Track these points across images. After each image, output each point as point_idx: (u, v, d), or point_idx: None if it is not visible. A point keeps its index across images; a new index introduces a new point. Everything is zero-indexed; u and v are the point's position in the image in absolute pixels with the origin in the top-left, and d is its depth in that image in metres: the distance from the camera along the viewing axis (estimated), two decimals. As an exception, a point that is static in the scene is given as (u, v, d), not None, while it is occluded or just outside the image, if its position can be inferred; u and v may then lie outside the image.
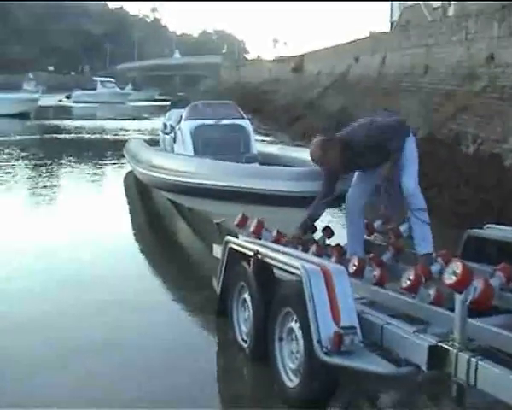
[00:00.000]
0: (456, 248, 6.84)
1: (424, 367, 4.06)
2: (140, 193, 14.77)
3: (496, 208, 11.61)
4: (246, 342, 5.85)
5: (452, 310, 4.76)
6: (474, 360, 3.82)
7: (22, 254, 9.25)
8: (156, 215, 13.48)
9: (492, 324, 4.54)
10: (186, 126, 12.52)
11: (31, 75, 74.30)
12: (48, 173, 17.95)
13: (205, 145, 12.04)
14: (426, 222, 6.31)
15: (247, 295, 5.80)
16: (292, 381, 4.91)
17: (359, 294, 5.27)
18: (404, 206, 6.63)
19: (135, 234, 11.57)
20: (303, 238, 6.73)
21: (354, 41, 33.97)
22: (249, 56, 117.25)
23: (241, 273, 5.89)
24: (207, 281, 7.78)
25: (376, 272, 5.55)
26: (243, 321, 5.93)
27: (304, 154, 12.05)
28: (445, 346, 4.03)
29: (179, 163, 10.84)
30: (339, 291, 4.48)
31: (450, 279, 3.94)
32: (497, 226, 6.89)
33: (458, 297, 3.98)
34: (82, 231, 10.97)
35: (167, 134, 13.87)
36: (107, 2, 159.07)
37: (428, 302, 4.85)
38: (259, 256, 5.42)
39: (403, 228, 6.96)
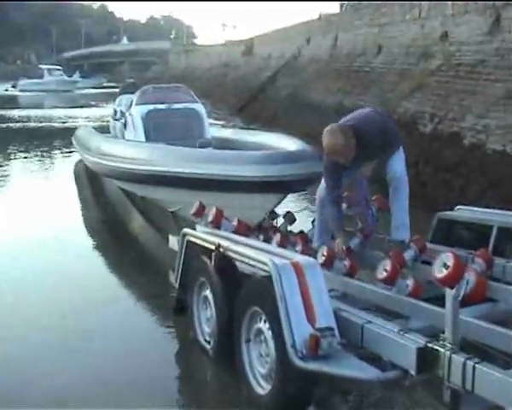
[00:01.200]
0: (424, 231, 6.53)
1: (413, 371, 3.64)
2: (91, 182, 14.17)
3: (457, 188, 11.39)
4: (209, 342, 5.36)
5: (427, 301, 4.43)
6: (470, 362, 3.41)
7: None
8: (108, 205, 12.90)
9: (475, 315, 4.19)
10: (137, 112, 12.07)
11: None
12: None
13: (157, 131, 11.63)
14: (406, 208, 5.89)
15: (208, 293, 5.30)
16: (262, 387, 4.45)
17: (330, 286, 4.83)
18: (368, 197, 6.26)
19: (85, 226, 11.07)
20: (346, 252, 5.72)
21: (305, 22, 33.57)
22: (197, 41, 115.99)
23: (201, 268, 5.39)
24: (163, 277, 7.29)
25: (346, 262, 5.16)
26: (205, 320, 5.44)
27: (259, 137, 11.72)
28: (436, 347, 3.61)
29: (129, 150, 10.36)
30: (312, 288, 4.02)
31: (440, 273, 3.52)
32: (468, 208, 6.58)
33: (450, 293, 3.55)
34: (26, 225, 10.40)
35: (117, 120, 13.39)
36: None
37: (406, 294, 4.47)
38: (221, 250, 4.94)
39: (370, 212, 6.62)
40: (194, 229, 6.15)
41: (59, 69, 72.26)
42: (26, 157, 19.05)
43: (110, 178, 12.01)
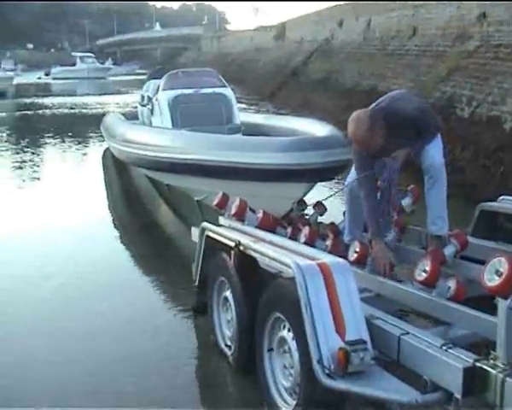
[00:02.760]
0: (461, 222, 6.03)
1: (458, 395, 3.11)
2: (118, 169, 13.79)
3: (498, 175, 10.83)
4: (230, 348, 4.91)
5: (469, 301, 3.96)
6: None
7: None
8: (134, 194, 12.55)
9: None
10: (163, 97, 11.72)
11: (8, 53, 73.31)
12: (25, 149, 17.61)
13: (184, 116, 11.25)
14: (444, 200, 5.37)
15: (228, 293, 4.86)
16: (286, 403, 3.98)
17: (362, 285, 4.35)
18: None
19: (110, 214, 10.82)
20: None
21: (337, 6, 32.90)
22: (230, 27, 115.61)
23: (220, 266, 4.93)
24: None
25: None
26: (226, 323, 4.99)
27: (289, 122, 11.26)
28: (486, 367, 3.10)
29: (154, 136, 10.01)
30: (342, 293, 3.52)
31: (492, 281, 3.03)
32: (513, 198, 6.04)
33: (503, 304, 3.05)
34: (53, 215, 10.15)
35: (145, 106, 13.02)
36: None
37: (447, 298, 3.99)
38: (241, 248, 4.47)
39: (405, 202, 6.14)
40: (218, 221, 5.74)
41: (91, 56, 72.61)
42: (55, 142, 19.05)
43: (134, 166, 11.66)
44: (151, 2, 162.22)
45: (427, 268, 3.98)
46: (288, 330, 3.90)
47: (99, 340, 5.54)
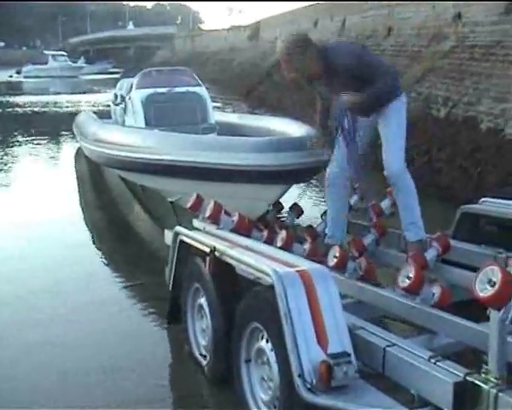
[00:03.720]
0: (442, 224, 5.91)
1: None
2: (91, 169, 13.52)
3: (475, 176, 10.75)
4: (205, 357, 4.70)
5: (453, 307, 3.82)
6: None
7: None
8: (107, 196, 12.30)
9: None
10: (136, 96, 11.52)
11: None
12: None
13: (157, 115, 11.09)
14: (413, 206, 5.18)
15: (203, 301, 4.64)
16: (265, 417, 3.78)
17: (342, 292, 4.17)
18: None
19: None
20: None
21: (312, 5, 32.82)
22: (204, 26, 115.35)
23: (195, 273, 4.71)
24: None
25: (362, 264, 4.53)
26: (200, 332, 4.77)
27: (265, 122, 11.08)
28: (478, 382, 2.93)
29: (126, 136, 9.74)
30: (324, 303, 3.32)
31: (485, 291, 2.86)
32: (495, 200, 5.91)
33: (495, 315, 2.89)
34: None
35: (118, 105, 12.80)
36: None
37: (431, 305, 3.84)
38: (217, 254, 4.26)
39: (384, 205, 6.01)
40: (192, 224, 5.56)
41: (63, 55, 71.99)
42: (27, 141, 18.76)
43: (106, 166, 11.42)
44: (124, 2, 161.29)
45: (411, 274, 3.83)
46: (267, 341, 3.69)
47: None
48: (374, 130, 5.35)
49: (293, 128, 9.09)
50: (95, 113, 14.94)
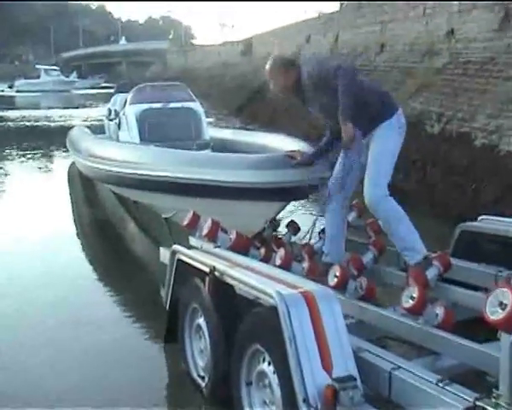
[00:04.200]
0: (438, 242, 5.88)
1: None
2: (85, 185, 13.45)
3: (469, 192, 10.73)
4: (203, 378, 4.61)
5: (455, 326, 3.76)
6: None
7: None
8: (101, 213, 12.22)
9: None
10: (131, 111, 11.51)
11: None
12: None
13: (152, 131, 11.08)
14: (401, 233, 5.05)
15: (201, 321, 4.55)
16: (267, 444, 3.67)
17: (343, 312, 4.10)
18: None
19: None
20: None
21: (305, 21, 32.84)
22: (196, 42, 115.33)
23: (193, 293, 4.62)
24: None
25: (363, 283, 4.47)
26: (198, 353, 4.67)
27: (259, 138, 11.02)
28: (488, 407, 2.84)
29: (120, 151, 9.70)
30: (328, 325, 3.25)
31: (495, 314, 2.80)
32: (494, 218, 5.89)
33: (506, 339, 2.83)
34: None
35: (112, 120, 12.73)
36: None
37: (435, 325, 3.78)
38: (217, 274, 4.17)
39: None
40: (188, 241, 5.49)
41: (56, 69, 72.13)
42: (19, 155, 18.87)
43: (100, 181, 11.36)
44: (117, 16, 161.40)
45: (414, 295, 3.77)
46: (269, 364, 3.60)
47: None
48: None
49: (288, 144, 9.03)
50: (88, 128, 14.88)
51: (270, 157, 7.23)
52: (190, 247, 5.20)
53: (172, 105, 11.63)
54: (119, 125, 12.10)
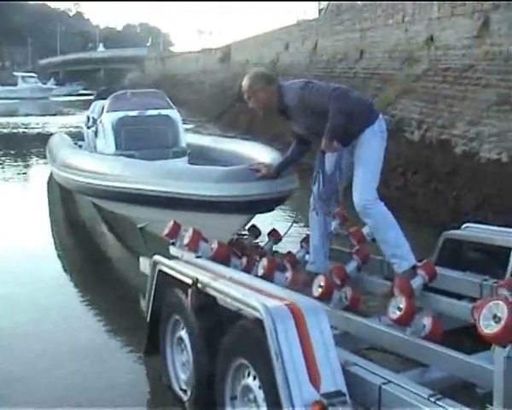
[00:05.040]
0: (419, 250, 5.80)
1: None
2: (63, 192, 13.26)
3: (450, 199, 10.71)
4: (185, 392, 4.48)
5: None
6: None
7: None
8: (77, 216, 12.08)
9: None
10: (107, 119, 11.36)
11: None
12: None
13: (128, 139, 10.96)
14: (389, 239, 5.00)
15: (184, 333, 4.42)
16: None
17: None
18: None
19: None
20: None
21: (283, 28, 32.82)
22: (174, 49, 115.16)
23: (175, 305, 4.50)
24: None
25: (347, 293, 4.39)
26: (180, 365, 4.54)
27: (238, 146, 10.97)
28: None
29: (91, 162, 9.71)
30: (315, 339, 3.14)
31: (489, 328, 2.72)
32: (477, 226, 5.85)
33: (501, 352, 2.75)
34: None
35: (90, 128, 12.58)
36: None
37: (423, 336, 3.71)
38: (199, 286, 4.05)
39: (366, 230, 5.87)
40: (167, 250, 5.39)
41: (33, 76, 71.71)
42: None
43: (74, 192, 11.33)
44: (95, 23, 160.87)
45: (402, 305, 3.69)
46: (254, 378, 3.48)
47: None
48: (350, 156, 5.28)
49: (264, 153, 8.94)
50: (69, 135, 14.69)
51: (234, 170, 7.19)
52: (173, 259, 5.08)
53: (149, 112, 11.52)
54: (96, 133, 11.94)
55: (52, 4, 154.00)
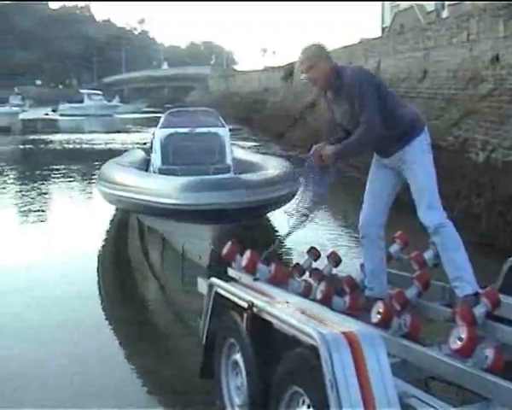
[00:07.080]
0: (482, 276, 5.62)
1: None
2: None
3: (516, 223, 10.45)
4: (239, 416, 4.42)
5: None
6: None
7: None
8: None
9: None
10: (158, 135, 11.94)
11: (16, 89, 74.00)
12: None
13: (174, 155, 11.49)
14: (458, 260, 4.83)
15: (239, 357, 4.35)
16: None
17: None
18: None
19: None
20: None
21: (346, 47, 32.73)
22: (237, 67, 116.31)
23: (230, 327, 4.43)
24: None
25: (407, 320, 4.26)
26: (235, 389, 4.47)
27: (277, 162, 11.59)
28: None
29: (129, 178, 10.11)
30: (372, 370, 3.06)
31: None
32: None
33: None
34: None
35: None
36: (94, 15, 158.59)
37: (484, 368, 3.57)
38: (255, 310, 3.99)
39: (427, 255, 5.72)
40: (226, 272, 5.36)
41: (98, 94, 72.91)
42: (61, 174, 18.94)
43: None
44: (159, 41, 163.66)
45: (463, 335, 3.56)
46: (308, 407, 3.39)
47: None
48: (397, 175, 5.16)
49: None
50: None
51: (204, 180, 7.56)
52: (229, 282, 5.03)
53: (199, 130, 11.92)
54: (151, 148, 12.44)
55: (118, 24, 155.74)
